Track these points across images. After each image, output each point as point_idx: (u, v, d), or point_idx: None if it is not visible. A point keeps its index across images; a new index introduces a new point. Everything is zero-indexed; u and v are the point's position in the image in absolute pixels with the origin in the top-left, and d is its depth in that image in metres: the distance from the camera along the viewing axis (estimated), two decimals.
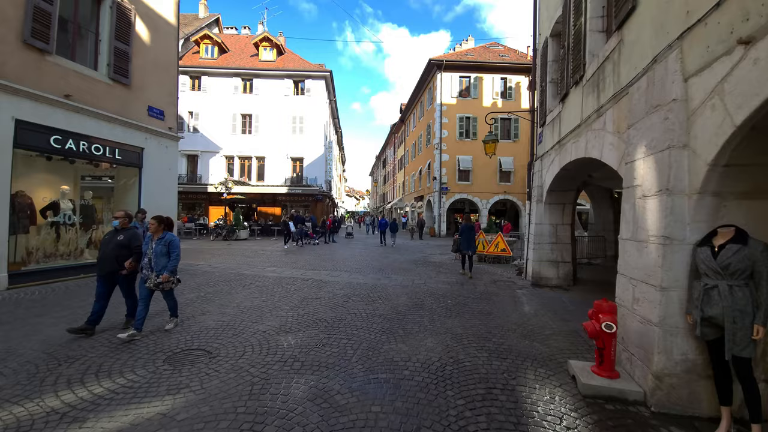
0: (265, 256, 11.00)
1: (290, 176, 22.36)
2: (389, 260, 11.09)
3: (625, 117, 3.51)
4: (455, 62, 22.62)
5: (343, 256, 11.64)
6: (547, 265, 7.35)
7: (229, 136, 22.25)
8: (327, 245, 15.97)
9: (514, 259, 10.70)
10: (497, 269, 9.56)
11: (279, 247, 14.17)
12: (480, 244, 10.81)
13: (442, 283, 7.35)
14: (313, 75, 22.49)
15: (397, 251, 13.90)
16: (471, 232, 8.09)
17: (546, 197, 7.19)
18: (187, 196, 22.28)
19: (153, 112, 8.12)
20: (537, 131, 8.03)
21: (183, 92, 22.21)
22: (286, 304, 5.41)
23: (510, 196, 22.94)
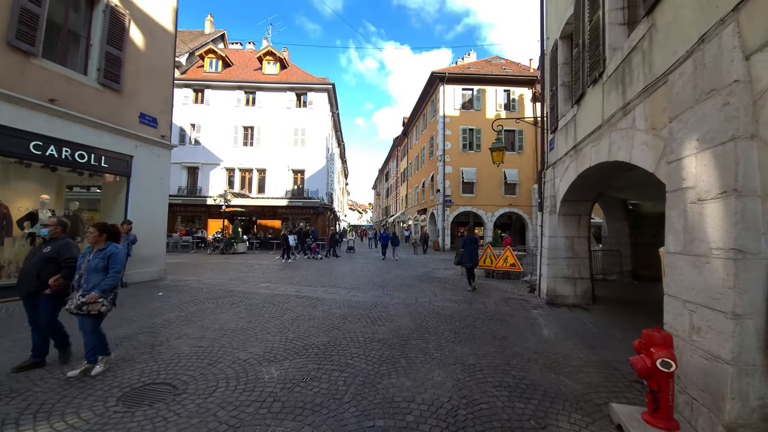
0: (261, 271, 10.44)
1: (291, 189, 22.03)
2: (391, 276, 10.50)
3: (664, 110, 3.02)
4: (458, 74, 22.56)
5: (342, 272, 11.06)
6: (563, 282, 6.74)
7: (230, 148, 22.09)
8: (327, 259, 15.39)
9: (524, 274, 10.06)
10: (507, 285, 8.92)
11: (277, 261, 13.62)
12: (487, 258, 10.22)
13: (448, 301, 6.74)
14: (316, 87, 22.48)
15: (400, 266, 13.30)
16: (474, 245, 8.02)
17: (560, 208, 6.65)
18: (186, 209, 22.00)
19: (145, 119, 7.78)
20: (548, 138, 7.57)
21: (186, 105, 22.31)
22: (274, 326, 4.83)
23: (515, 209, 22.38)
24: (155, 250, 8.02)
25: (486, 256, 10.24)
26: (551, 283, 6.79)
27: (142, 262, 7.71)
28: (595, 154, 4.67)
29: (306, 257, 14.30)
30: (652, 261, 11.13)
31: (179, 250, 18.28)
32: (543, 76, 7.61)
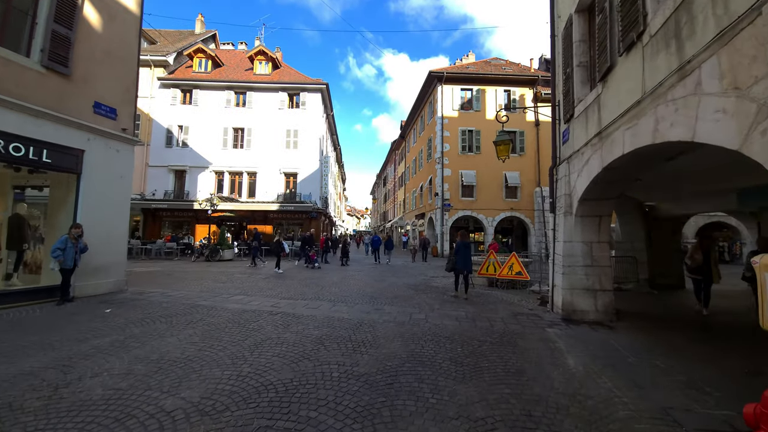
0: (240, 281, 9.43)
1: (283, 192, 21.08)
2: (385, 285, 9.50)
3: (753, 59, 2.10)
4: (456, 74, 21.82)
5: (331, 280, 10.06)
6: (581, 294, 5.77)
7: (219, 150, 21.18)
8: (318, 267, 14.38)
9: (531, 283, 9.09)
10: (514, 297, 7.94)
11: (266, 270, 12.59)
12: (490, 266, 9.25)
13: (447, 318, 5.75)
14: (309, 88, 21.67)
15: (395, 273, 12.30)
16: (467, 250, 7.59)
17: (577, 208, 5.71)
18: (173, 214, 21.00)
19: (101, 109, 6.85)
20: (559, 130, 6.66)
21: (173, 106, 21.46)
22: (229, 355, 3.84)
23: (517, 213, 21.48)
24: (112, 257, 7.01)
25: (489, 264, 9.28)
26: (567, 295, 5.82)
27: (95, 272, 6.71)
28: (630, 139, 3.74)
29: (306, 266, 13.26)
30: (671, 268, 10.22)
31: (163, 257, 17.24)
32: (554, 60, 6.74)
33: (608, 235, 5.84)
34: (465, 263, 7.43)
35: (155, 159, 21.00)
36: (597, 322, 5.58)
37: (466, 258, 7.45)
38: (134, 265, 13.42)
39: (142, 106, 21.32)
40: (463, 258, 7.44)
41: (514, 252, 8.92)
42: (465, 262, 7.43)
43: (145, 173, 21.02)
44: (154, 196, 20.64)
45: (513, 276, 8.73)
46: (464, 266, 7.42)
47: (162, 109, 21.33)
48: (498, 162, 20.93)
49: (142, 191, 20.76)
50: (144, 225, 20.88)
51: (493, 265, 9.19)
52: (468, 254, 7.53)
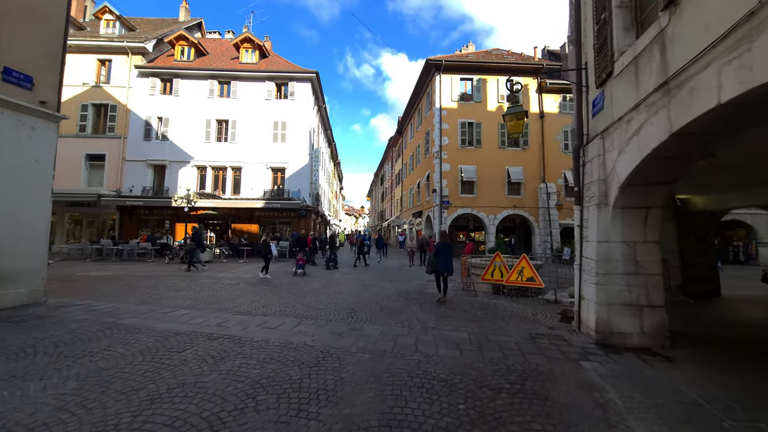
0: (197, 290, 7.98)
1: (270, 189, 19.64)
2: (372, 293, 8.09)
3: None
4: (456, 62, 20.40)
5: (310, 288, 8.64)
6: (622, 311, 4.36)
7: (201, 144, 19.73)
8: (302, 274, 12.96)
9: (544, 291, 7.69)
10: (526, 308, 6.53)
11: (240, 273, 11.17)
12: (496, 270, 7.85)
13: (445, 343, 4.33)
14: (298, 77, 20.23)
15: (388, 277, 10.90)
16: (448, 251, 7.20)
17: (617, 197, 4.30)
18: (151, 212, 19.56)
19: (11, 76, 5.42)
20: (586, 99, 5.25)
21: (153, 96, 20.01)
22: (93, 423, 2.41)
23: (520, 211, 20.08)
24: (23, 262, 5.57)
25: (494, 267, 7.87)
26: (603, 312, 4.41)
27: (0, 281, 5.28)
28: (734, 76, 2.33)
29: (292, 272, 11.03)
30: (705, 272, 8.85)
31: (135, 258, 15.79)
32: (577, 7, 5.32)
33: (658, 232, 4.43)
34: (445, 265, 7.09)
35: (132, 153, 19.55)
36: (644, 349, 4.17)
37: (446, 259, 7.11)
38: (96, 267, 11.99)
39: (118, 96, 19.95)
40: (443, 259, 7.10)
41: (525, 255, 7.51)
42: (445, 264, 7.09)
43: (122, 168, 19.58)
44: (131, 192, 19.20)
45: (523, 282, 7.32)
46: (444, 268, 7.08)
47: (140, 100, 19.88)
48: (500, 157, 19.47)
49: (118, 187, 19.33)
50: (120, 224, 19.43)
51: (499, 268, 7.79)
52: (449, 256, 7.16)
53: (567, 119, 20.59)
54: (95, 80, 20.16)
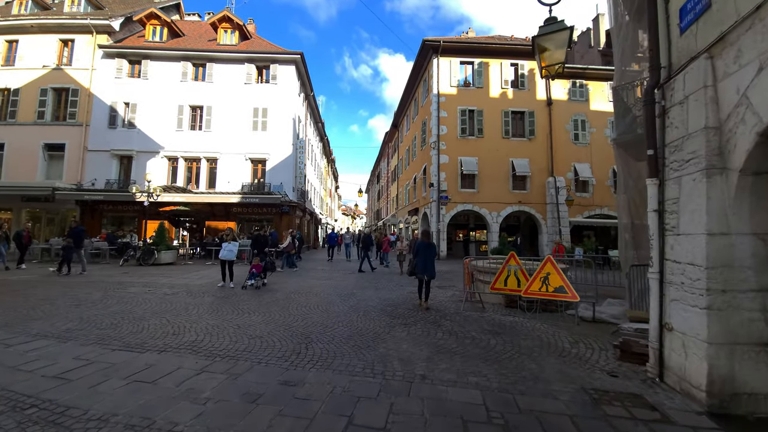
0: (106, 304, 6.00)
1: (249, 182, 17.67)
2: (347, 306, 6.16)
3: None
4: (455, 43, 18.50)
5: (269, 298, 6.71)
6: (755, 356, 2.44)
7: (173, 132, 17.73)
8: (280, 273, 11.00)
9: (574, 304, 5.75)
10: (557, 332, 4.61)
11: (194, 278, 9.20)
12: (510, 277, 5.92)
13: (445, 422, 2.39)
14: (281, 59, 18.27)
15: (374, 283, 8.96)
16: (428, 251, 6.47)
17: (750, 154, 2.39)
18: (115, 208, 17.53)
19: None
20: (666, 7, 3.32)
21: (119, 79, 18.00)
22: None
23: (526, 207, 18.18)
24: None
25: (508, 273, 5.94)
26: (721, 358, 2.49)
27: None
28: None
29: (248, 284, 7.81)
30: None
31: (89, 260, 13.76)
32: None
33: None
34: (425, 267, 6.33)
35: (96, 142, 17.54)
36: None
37: (426, 261, 6.34)
38: (20, 272, 10.01)
39: (81, 79, 17.94)
40: (423, 261, 6.33)
41: (550, 257, 5.57)
42: (425, 266, 6.33)
43: (83, 159, 17.57)
44: (93, 185, 17.17)
45: (550, 294, 5.39)
46: (423, 270, 6.33)
47: (105, 84, 17.88)
48: (504, 147, 17.50)
49: (79, 180, 17.31)
50: (81, 221, 17.37)
51: (515, 275, 5.85)
52: (429, 257, 6.40)
53: (577, 107, 18.76)
54: (56, 62, 18.15)
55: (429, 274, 6.31)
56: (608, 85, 18.89)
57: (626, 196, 5.56)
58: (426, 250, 6.40)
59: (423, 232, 6.83)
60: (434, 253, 6.61)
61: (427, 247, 6.45)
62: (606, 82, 18.92)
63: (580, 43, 22.55)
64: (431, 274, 6.34)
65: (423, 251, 6.38)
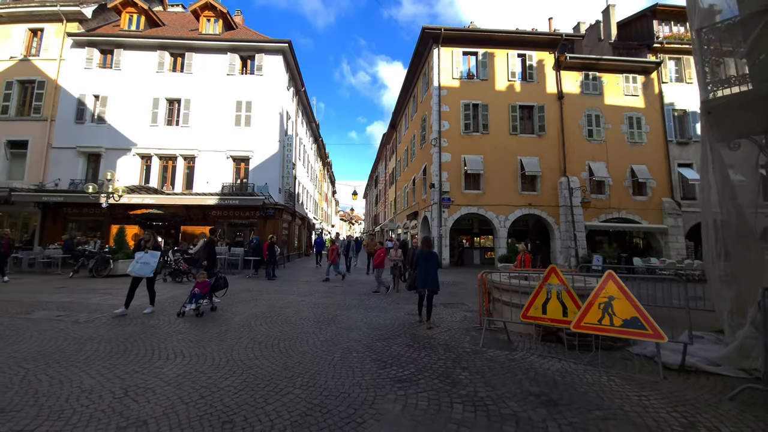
0: None
1: (231, 182, 15.94)
2: (321, 340, 4.39)
3: None
4: (458, 32, 16.96)
5: (219, 329, 4.95)
6: None
7: (147, 127, 16.04)
8: (258, 282, 9.23)
9: (627, 342, 4.00)
10: (653, 404, 2.86)
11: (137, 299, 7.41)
12: (552, 299, 4.17)
13: None
14: (267, 47, 16.68)
15: (363, 301, 7.18)
16: (430, 262, 5.49)
17: None
18: (80, 211, 15.72)
19: None
20: None
21: (88, 70, 16.34)
22: None
23: (536, 210, 16.49)
24: None
25: (547, 295, 4.18)
26: None
27: None
28: None
29: (189, 308, 5.70)
30: None
31: (37, 269, 11.97)
32: None
33: None
34: (425, 280, 5.47)
35: (61, 138, 15.84)
36: None
37: (427, 273, 5.48)
38: None
39: (48, 71, 16.32)
40: (423, 273, 5.49)
41: (611, 272, 3.84)
42: (425, 279, 5.47)
43: (47, 157, 15.85)
44: (57, 186, 15.42)
45: (617, 330, 3.62)
46: (423, 284, 5.50)
47: (74, 75, 16.25)
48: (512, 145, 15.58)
49: (41, 181, 15.56)
50: (42, 225, 15.61)
51: (558, 298, 4.10)
52: (430, 267, 5.52)
53: (590, 101, 17.20)
54: (24, 53, 16.56)
55: (430, 288, 5.48)
56: (623, 78, 17.42)
57: (721, 186, 3.86)
58: (427, 260, 5.56)
59: (423, 240, 5.92)
60: (436, 263, 5.67)
61: (428, 256, 5.59)
62: (621, 75, 17.43)
63: (589, 36, 21.13)
64: (433, 287, 5.48)
65: (423, 261, 5.56)
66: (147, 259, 5.54)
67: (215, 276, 6.09)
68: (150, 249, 5.61)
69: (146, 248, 5.61)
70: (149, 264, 5.57)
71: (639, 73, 17.49)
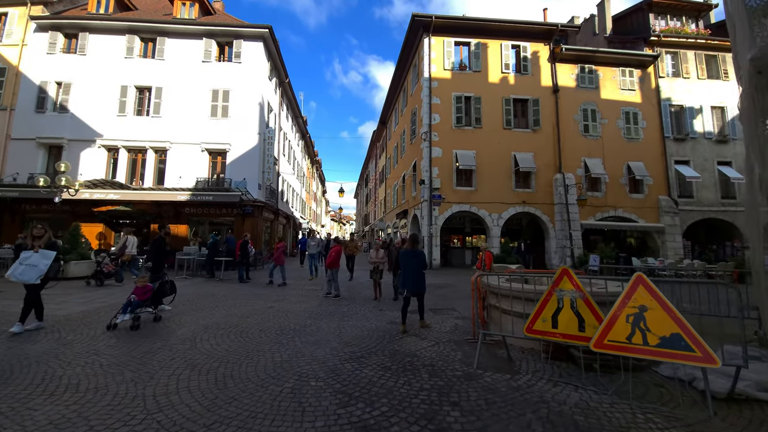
0: None
1: (206, 177, 14.82)
2: (276, 362, 3.44)
3: None
4: (449, 20, 16.15)
5: (150, 347, 3.98)
6: None
7: (114, 117, 14.81)
8: (231, 286, 8.21)
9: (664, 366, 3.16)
10: None
11: (73, 306, 6.37)
12: (564, 310, 3.31)
13: None
14: (245, 33, 15.60)
15: (339, 309, 6.25)
16: (415, 261, 5.03)
17: None
18: (39, 208, 14.38)
19: None
20: None
21: (52, 55, 15.05)
22: None
23: (530, 208, 15.78)
24: None
25: (558, 304, 3.32)
26: None
27: None
28: None
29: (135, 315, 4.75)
30: None
31: None
32: None
33: None
34: (412, 281, 4.91)
35: (21, 129, 14.53)
36: None
37: (415, 274, 4.94)
38: None
39: (10, 57, 15.01)
40: (413, 273, 4.94)
41: (641, 274, 3.01)
42: (413, 280, 4.91)
43: (6, 149, 14.51)
44: (15, 180, 14.09)
45: (654, 351, 2.77)
46: (404, 284, 5.02)
47: (36, 60, 14.95)
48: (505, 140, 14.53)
49: None
50: None
51: (572, 307, 3.24)
52: (415, 267, 4.95)
53: (586, 94, 16.58)
54: None
55: (414, 290, 4.97)
56: (619, 71, 16.85)
57: None
58: (410, 260, 5.04)
59: (410, 237, 5.46)
60: (421, 262, 5.09)
61: (413, 256, 5.07)
62: (617, 68, 16.87)
63: (584, 30, 20.57)
64: (415, 289, 4.96)
65: (406, 261, 5.07)
66: (35, 261, 4.31)
67: (161, 280, 5.07)
68: (42, 248, 4.46)
69: (36, 246, 4.43)
70: (37, 267, 4.30)
71: (635, 66, 16.95)
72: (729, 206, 16.23)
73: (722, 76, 17.21)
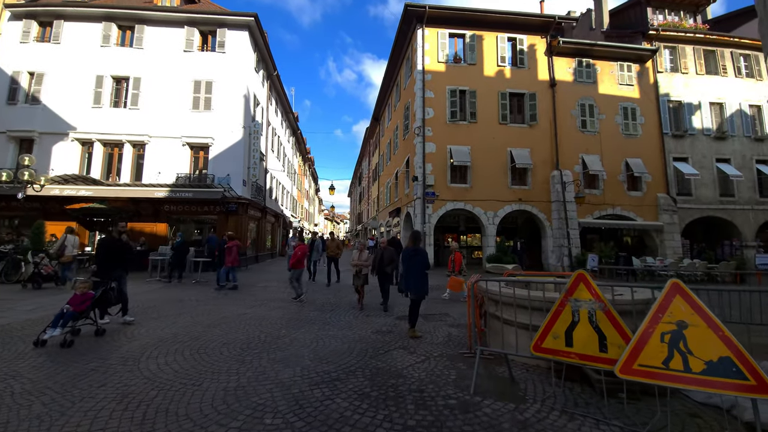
0: None
1: (187, 173, 14.03)
2: (233, 387, 2.76)
3: None
4: (444, 10, 15.53)
5: (84, 368, 3.30)
6: None
7: (89, 109, 13.95)
8: (215, 292, 7.51)
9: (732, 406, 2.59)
10: None
11: (24, 311, 5.65)
12: (581, 321, 2.72)
13: None
14: (230, 21, 14.82)
15: (321, 316, 5.62)
16: (416, 260, 4.68)
17: None
18: (8, 205, 13.44)
19: None
20: None
21: (25, 44, 14.13)
22: None
23: (528, 206, 15.27)
24: None
25: (573, 317, 2.73)
26: None
27: None
28: None
29: None
30: None
31: None
32: None
33: None
34: (417, 284, 4.57)
35: None
36: None
37: (420, 274, 4.61)
38: None
39: None
40: (416, 274, 4.61)
41: (677, 281, 2.45)
42: (417, 283, 4.57)
43: None
44: None
45: (698, 379, 2.18)
46: (416, 287, 4.57)
47: (9, 50, 14.03)
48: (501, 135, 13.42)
49: None
50: None
51: (591, 321, 2.65)
52: (417, 267, 4.61)
53: (583, 89, 16.10)
54: None
55: (416, 292, 4.62)
56: (617, 66, 16.40)
57: None
58: (412, 258, 4.72)
59: (412, 234, 5.08)
60: (422, 262, 4.72)
61: (415, 255, 4.74)
62: (615, 62, 16.42)
63: (581, 25, 20.10)
64: (417, 291, 4.61)
65: (407, 260, 4.74)
66: None
67: (105, 287, 4.36)
68: None
69: None
70: None
71: (634, 61, 16.52)
72: (728, 204, 15.90)
73: (721, 72, 16.87)
